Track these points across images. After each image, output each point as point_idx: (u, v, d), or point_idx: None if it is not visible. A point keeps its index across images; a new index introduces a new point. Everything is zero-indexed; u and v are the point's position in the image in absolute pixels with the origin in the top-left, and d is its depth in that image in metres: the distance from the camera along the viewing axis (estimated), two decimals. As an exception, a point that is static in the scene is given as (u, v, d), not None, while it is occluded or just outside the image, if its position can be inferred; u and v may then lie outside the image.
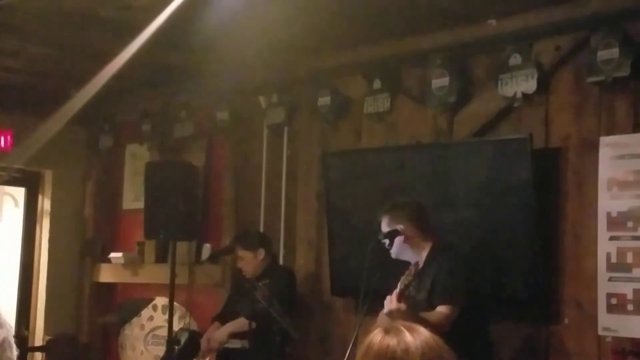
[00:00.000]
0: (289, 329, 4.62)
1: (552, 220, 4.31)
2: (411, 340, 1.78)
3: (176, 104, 6.43)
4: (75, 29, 5.04)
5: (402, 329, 1.82)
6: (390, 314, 3.61)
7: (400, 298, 3.62)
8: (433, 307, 3.81)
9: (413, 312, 3.67)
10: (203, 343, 5.31)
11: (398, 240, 4.03)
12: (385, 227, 4.07)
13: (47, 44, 5.37)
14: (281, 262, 5.66)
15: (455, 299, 3.79)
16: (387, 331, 1.82)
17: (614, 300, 4.01)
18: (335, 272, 5.20)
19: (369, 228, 4.75)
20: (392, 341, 1.79)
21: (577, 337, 4.19)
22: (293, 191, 5.75)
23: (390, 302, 3.63)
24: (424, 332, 1.82)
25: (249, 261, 5.21)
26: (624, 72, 4.00)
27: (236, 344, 5.12)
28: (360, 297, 3.90)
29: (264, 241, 5.36)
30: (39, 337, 7.02)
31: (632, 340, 3.93)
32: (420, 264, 3.92)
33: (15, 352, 1.77)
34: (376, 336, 1.82)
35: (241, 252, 5.23)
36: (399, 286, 3.67)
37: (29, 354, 6.96)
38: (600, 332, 4.06)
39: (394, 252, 4.06)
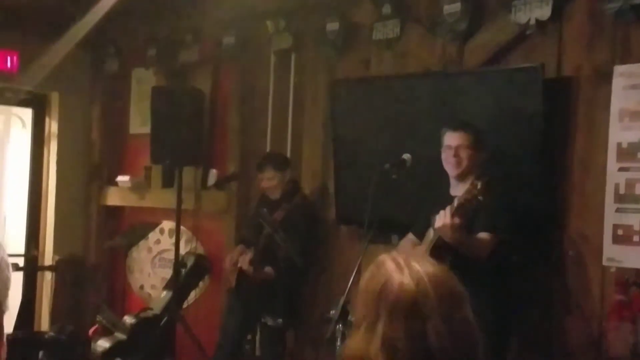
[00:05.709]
0: (293, 256, 4.64)
1: (561, 152, 4.26)
2: (426, 276, 1.69)
3: (182, 28, 6.33)
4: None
5: (416, 266, 1.72)
6: (444, 227, 3.56)
7: (456, 213, 3.55)
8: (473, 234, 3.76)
9: (462, 230, 3.62)
10: (226, 262, 5.28)
11: (477, 156, 3.94)
12: (454, 141, 3.96)
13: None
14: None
15: (498, 230, 3.75)
16: (400, 269, 1.72)
17: (620, 231, 4.00)
18: (340, 200, 5.20)
19: (375, 157, 4.73)
20: (409, 283, 1.69)
21: (581, 268, 4.18)
22: (299, 119, 5.70)
23: (444, 216, 3.56)
24: (435, 267, 1.74)
25: (280, 182, 5.20)
26: (642, -2, 3.90)
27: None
28: (364, 225, 3.90)
29: (289, 162, 5.37)
30: (48, 257, 7.08)
31: (637, 271, 3.93)
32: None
33: (11, 271, 1.80)
34: (394, 275, 1.71)
35: (271, 173, 5.19)
36: (457, 201, 3.60)
37: (39, 273, 7.05)
38: (605, 263, 4.06)
39: (463, 165, 3.95)
